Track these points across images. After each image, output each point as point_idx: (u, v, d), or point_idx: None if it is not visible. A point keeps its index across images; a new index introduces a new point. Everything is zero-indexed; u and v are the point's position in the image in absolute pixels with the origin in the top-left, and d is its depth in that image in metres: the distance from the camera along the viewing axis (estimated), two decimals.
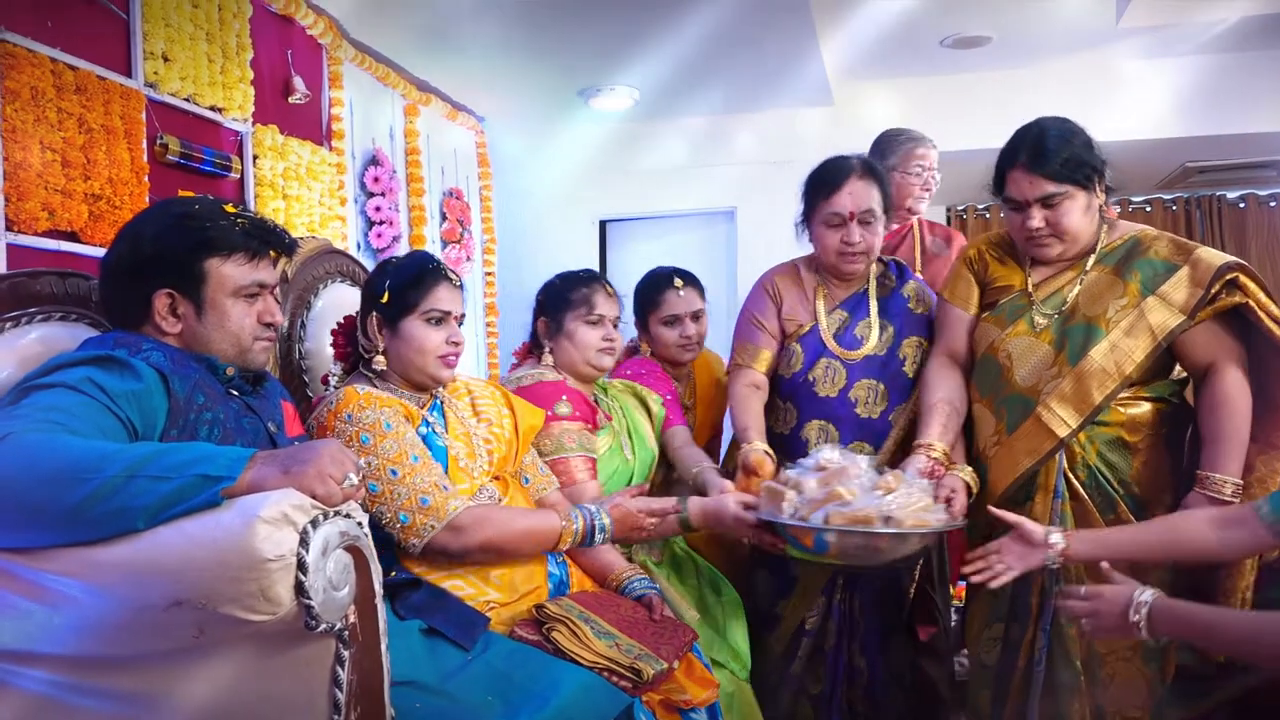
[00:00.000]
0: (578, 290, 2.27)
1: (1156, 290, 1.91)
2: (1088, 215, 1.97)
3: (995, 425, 2.05)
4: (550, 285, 2.33)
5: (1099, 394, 1.91)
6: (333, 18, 3.73)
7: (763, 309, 2.37)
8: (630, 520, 1.85)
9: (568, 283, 2.30)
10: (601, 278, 2.33)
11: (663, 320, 2.62)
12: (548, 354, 2.27)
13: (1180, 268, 1.91)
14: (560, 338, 2.26)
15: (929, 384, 2.14)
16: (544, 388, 2.18)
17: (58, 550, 1.13)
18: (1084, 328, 1.96)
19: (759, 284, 2.44)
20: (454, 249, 4.69)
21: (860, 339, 2.30)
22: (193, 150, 2.90)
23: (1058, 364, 1.97)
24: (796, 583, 2.28)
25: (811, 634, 2.30)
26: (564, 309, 2.26)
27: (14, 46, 2.34)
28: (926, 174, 3.01)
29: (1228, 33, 4.25)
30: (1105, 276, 1.99)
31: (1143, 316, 1.90)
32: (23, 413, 1.22)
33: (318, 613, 1.10)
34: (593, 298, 2.26)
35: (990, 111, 4.71)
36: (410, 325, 1.84)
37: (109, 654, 1.16)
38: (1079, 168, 1.93)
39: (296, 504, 1.12)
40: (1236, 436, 1.87)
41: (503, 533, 1.73)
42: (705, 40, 3.99)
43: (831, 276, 2.35)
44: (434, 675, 1.50)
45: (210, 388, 1.48)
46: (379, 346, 1.85)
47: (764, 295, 2.39)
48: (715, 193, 5.23)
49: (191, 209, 1.53)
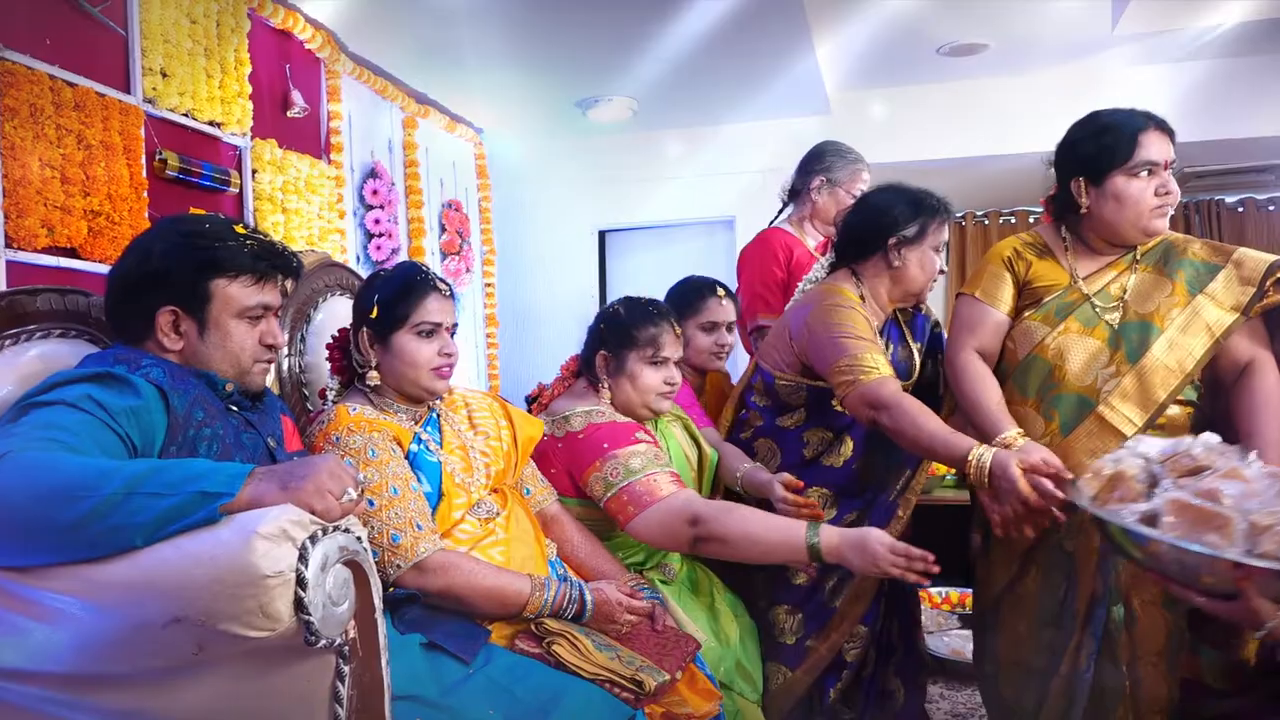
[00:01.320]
0: (645, 330, 2.14)
1: (1204, 290, 1.94)
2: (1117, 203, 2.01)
3: (1045, 426, 2.00)
4: (615, 317, 2.18)
5: (1162, 391, 1.90)
6: (330, 31, 3.75)
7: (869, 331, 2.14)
8: (607, 610, 1.79)
9: (635, 318, 2.16)
10: (670, 315, 2.20)
11: (701, 325, 2.62)
12: (605, 390, 2.16)
13: (1222, 268, 1.95)
14: (621, 377, 2.14)
15: (983, 378, 2.03)
16: (618, 429, 2.09)
17: (57, 568, 1.13)
18: (1139, 325, 1.96)
19: (850, 304, 2.16)
20: (453, 260, 4.70)
21: (902, 363, 2.28)
22: (192, 165, 2.91)
23: (1114, 362, 1.95)
24: (833, 615, 2.17)
25: (854, 666, 2.21)
26: (628, 346, 2.14)
27: (13, 64, 2.36)
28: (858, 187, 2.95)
29: (1223, 38, 4.27)
30: (1150, 275, 2.01)
31: (1197, 315, 1.92)
32: (21, 431, 1.22)
33: (317, 628, 1.10)
34: (660, 338, 2.15)
35: (987, 119, 4.75)
36: (401, 339, 1.82)
37: (107, 671, 1.16)
38: (1110, 153, 2.00)
39: (295, 519, 1.11)
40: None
41: (466, 584, 1.68)
42: (702, 51, 4.02)
43: (902, 303, 2.29)
44: (435, 689, 1.49)
45: (209, 403, 1.48)
46: (371, 362, 1.84)
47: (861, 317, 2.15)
48: (714, 202, 5.25)
49: (201, 228, 1.53)
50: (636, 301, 2.22)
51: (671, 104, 4.77)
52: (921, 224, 2.19)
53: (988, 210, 6.13)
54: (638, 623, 1.84)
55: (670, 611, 1.98)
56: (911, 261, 2.20)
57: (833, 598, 2.17)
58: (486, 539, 1.83)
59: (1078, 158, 2.05)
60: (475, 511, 1.84)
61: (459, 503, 1.81)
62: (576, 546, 2.04)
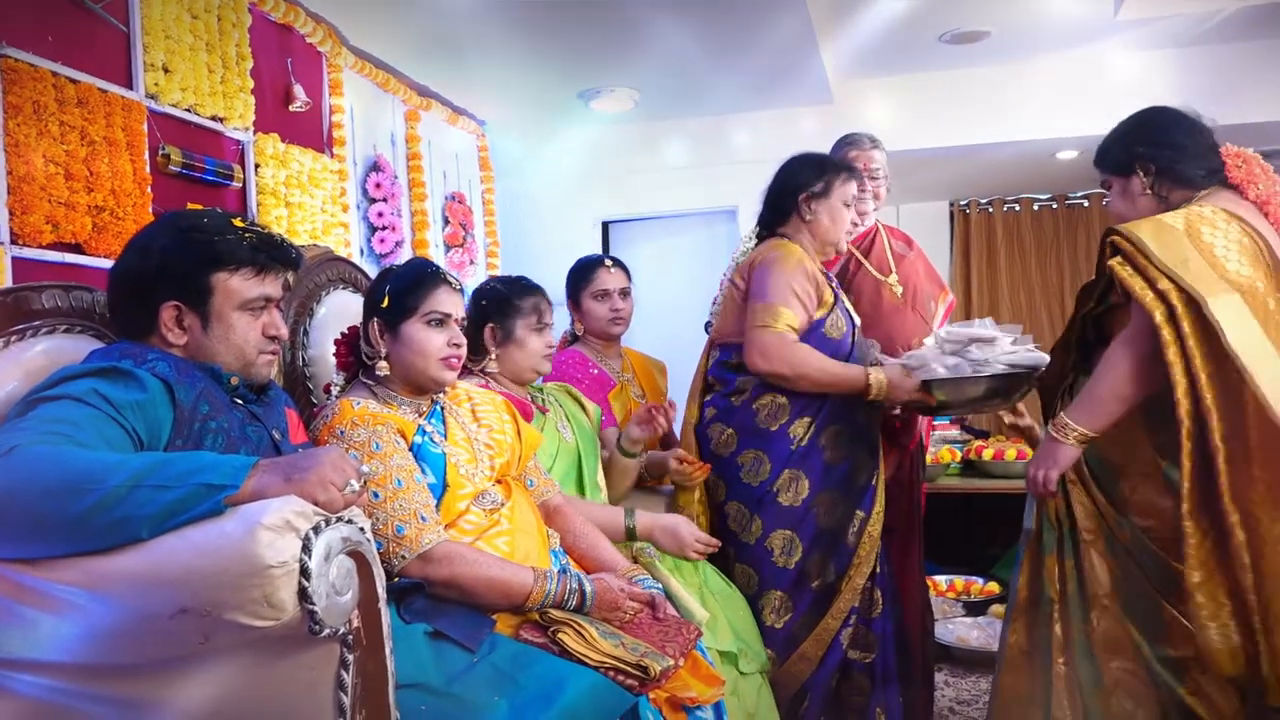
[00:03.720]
0: (527, 299, 2.32)
1: None
2: (1126, 199, 2.08)
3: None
4: (496, 292, 2.34)
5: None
6: (332, 25, 3.75)
7: (811, 277, 2.42)
8: (610, 598, 1.81)
9: (516, 291, 2.34)
10: (541, 288, 2.38)
11: (594, 295, 2.83)
12: (492, 361, 2.29)
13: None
14: (509, 345, 2.30)
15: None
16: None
17: (64, 560, 1.15)
18: None
19: (800, 263, 2.42)
20: (457, 253, 4.71)
21: (846, 312, 2.54)
22: (195, 160, 2.92)
23: None
24: (853, 554, 2.39)
25: (856, 609, 2.40)
26: (514, 316, 2.30)
27: (15, 61, 2.37)
28: (865, 176, 2.93)
29: (1226, 23, 4.24)
30: None
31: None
32: (28, 425, 1.24)
33: (321, 618, 1.12)
34: (540, 305, 2.33)
35: (990, 106, 4.73)
36: (411, 328, 1.85)
37: (114, 661, 1.17)
38: (1106, 156, 2.11)
39: (298, 511, 1.13)
40: (1093, 392, 1.95)
41: (470, 573, 1.70)
42: (704, 41, 4.01)
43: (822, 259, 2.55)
44: (439, 677, 1.50)
45: (215, 397, 1.49)
46: (381, 352, 1.87)
47: (806, 275, 2.41)
48: (716, 193, 5.24)
49: (200, 222, 1.54)
50: (509, 278, 2.42)
51: (674, 95, 4.76)
52: (827, 180, 2.47)
53: (991, 198, 6.12)
54: (640, 610, 1.86)
55: (672, 596, 2.00)
56: (822, 214, 2.48)
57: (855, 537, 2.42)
58: (491, 529, 1.84)
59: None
60: (480, 502, 1.86)
61: (463, 494, 1.83)
62: (579, 538, 2.05)
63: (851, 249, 2.93)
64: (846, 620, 2.38)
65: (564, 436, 2.39)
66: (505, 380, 2.32)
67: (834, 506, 2.39)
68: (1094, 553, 2.03)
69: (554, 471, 2.27)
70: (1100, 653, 2.00)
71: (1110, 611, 2.00)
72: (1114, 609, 2.00)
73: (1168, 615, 1.92)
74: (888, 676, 2.43)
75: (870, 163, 2.97)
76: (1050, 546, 2.08)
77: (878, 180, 2.99)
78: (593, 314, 2.84)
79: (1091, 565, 2.03)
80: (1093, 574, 2.02)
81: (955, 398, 2.35)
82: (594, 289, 2.83)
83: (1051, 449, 1.99)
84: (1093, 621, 2.01)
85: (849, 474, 2.41)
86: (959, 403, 2.39)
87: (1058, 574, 2.07)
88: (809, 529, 2.37)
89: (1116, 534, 2.00)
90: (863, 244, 3.00)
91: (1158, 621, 1.94)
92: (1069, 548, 2.06)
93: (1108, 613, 2.00)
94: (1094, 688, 1.99)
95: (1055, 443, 1.98)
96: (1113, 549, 2.01)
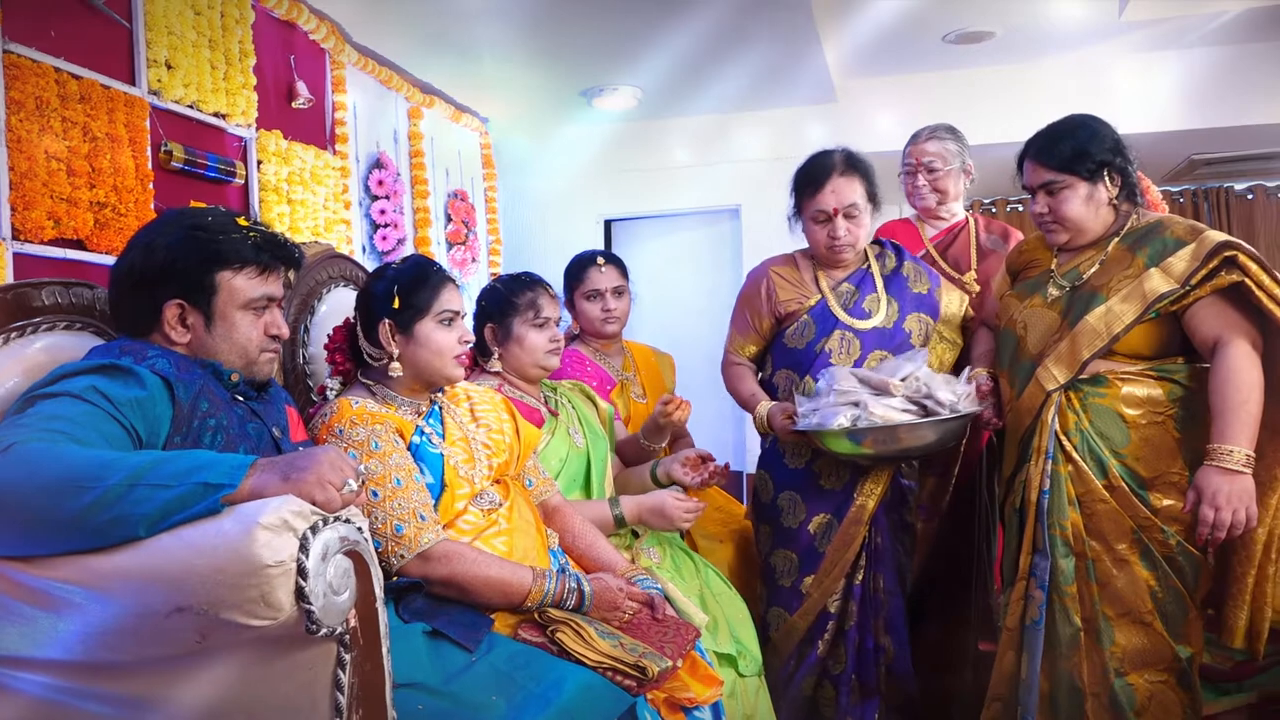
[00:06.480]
0: (523, 295, 2.29)
1: (1161, 263, 1.99)
2: (1090, 205, 2.07)
3: (1009, 394, 2.18)
4: (494, 292, 2.34)
5: (1086, 351, 2.02)
6: (335, 22, 3.74)
7: (756, 307, 2.50)
8: (609, 597, 1.81)
9: (512, 287, 2.32)
10: (543, 281, 2.36)
11: (585, 294, 2.81)
12: (495, 360, 2.29)
13: (1188, 244, 1.99)
14: (509, 343, 2.28)
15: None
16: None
17: (61, 558, 1.15)
18: (1088, 295, 2.06)
19: (755, 278, 2.53)
20: (459, 250, 4.71)
21: (868, 311, 2.42)
22: (197, 157, 2.92)
23: (1060, 330, 2.08)
24: (821, 559, 2.38)
25: (835, 616, 2.40)
26: (511, 314, 2.28)
27: (18, 57, 2.36)
28: (919, 170, 2.85)
29: (1232, 24, 4.23)
30: (1120, 253, 2.07)
31: (1140, 284, 2.00)
32: (27, 422, 1.24)
33: (318, 617, 1.12)
34: (538, 301, 2.29)
35: (994, 107, 4.71)
36: (425, 328, 1.85)
37: (111, 659, 1.17)
38: (1079, 159, 2.05)
39: (296, 510, 1.13)
40: (1243, 408, 1.89)
41: (469, 572, 1.70)
42: (707, 39, 4.00)
43: (826, 265, 2.48)
44: (437, 677, 1.51)
45: (215, 394, 1.49)
46: (394, 353, 1.85)
47: (758, 294, 2.49)
48: (720, 191, 5.24)
49: (204, 221, 1.54)
50: (510, 275, 2.40)
51: (677, 93, 4.75)
52: (795, 200, 2.46)
53: (995, 199, 6.11)
54: (638, 611, 1.86)
55: (672, 601, 2.00)
56: (805, 231, 2.47)
57: (821, 543, 2.39)
58: (489, 529, 1.84)
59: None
60: (478, 502, 1.86)
61: (461, 494, 1.83)
62: (577, 537, 2.05)
63: (928, 246, 2.86)
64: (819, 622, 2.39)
65: (575, 441, 2.36)
66: (514, 379, 2.31)
67: (794, 506, 2.44)
68: (1129, 568, 2.00)
69: (563, 476, 2.25)
70: (1130, 669, 2.00)
71: (1149, 626, 2.00)
72: (1155, 623, 1.99)
73: (1192, 616, 1.99)
74: (866, 692, 2.40)
75: (922, 156, 2.84)
76: (1070, 577, 2.03)
77: (936, 173, 2.84)
78: (586, 314, 2.83)
79: (1131, 580, 2.00)
80: (1131, 589, 2.00)
81: (837, 449, 2.22)
82: (586, 289, 2.81)
83: (1236, 483, 1.86)
84: (1119, 641, 2.01)
85: (813, 475, 2.42)
86: (843, 456, 2.27)
87: (1080, 599, 2.03)
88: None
89: (1155, 545, 1.98)
90: (945, 239, 2.88)
91: (1194, 629, 2.00)
92: (1090, 570, 2.02)
93: (1147, 629, 2.00)
94: (1129, 708, 1.99)
95: (1235, 475, 1.86)
96: (1150, 561, 1.99)
